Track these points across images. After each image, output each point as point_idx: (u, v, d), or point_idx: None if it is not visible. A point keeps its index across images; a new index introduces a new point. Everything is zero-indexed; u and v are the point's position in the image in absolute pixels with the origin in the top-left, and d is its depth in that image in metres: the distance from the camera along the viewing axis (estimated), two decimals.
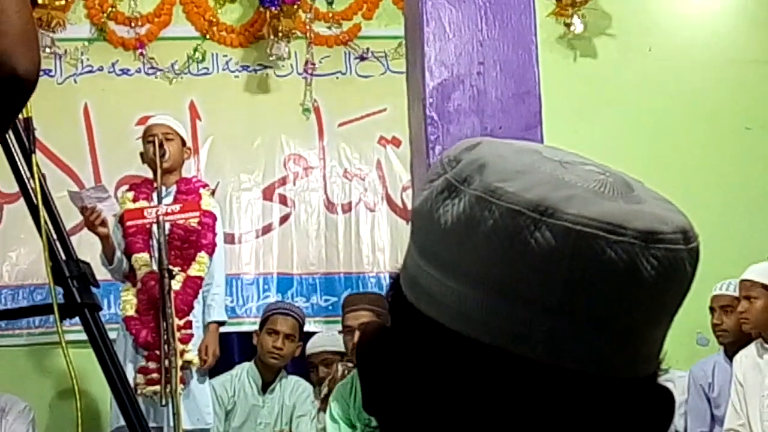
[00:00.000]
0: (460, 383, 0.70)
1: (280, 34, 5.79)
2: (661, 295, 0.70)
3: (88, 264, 1.72)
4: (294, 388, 5.15)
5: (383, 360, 0.75)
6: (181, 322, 4.66)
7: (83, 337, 1.79)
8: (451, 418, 0.71)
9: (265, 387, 5.13)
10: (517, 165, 0.71)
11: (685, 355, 4.96)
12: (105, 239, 4.65)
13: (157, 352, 4.54)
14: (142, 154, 4.93)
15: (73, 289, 1.70)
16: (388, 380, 0.74)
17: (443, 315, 0.71)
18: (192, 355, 4.71)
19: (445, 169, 0.74)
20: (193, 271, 4.80)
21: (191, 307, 4.78)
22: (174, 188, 4.88)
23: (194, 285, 4.80)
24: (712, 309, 5.01)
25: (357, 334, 4.61)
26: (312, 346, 5.28)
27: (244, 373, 5.15)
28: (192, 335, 4.75)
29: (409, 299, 0.74)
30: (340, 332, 4.96)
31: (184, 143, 5.01)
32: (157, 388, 4.50)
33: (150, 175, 4.88)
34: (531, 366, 0.68)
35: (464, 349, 0.70)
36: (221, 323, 4.99)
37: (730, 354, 4.97)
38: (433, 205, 0.72)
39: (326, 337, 5.35)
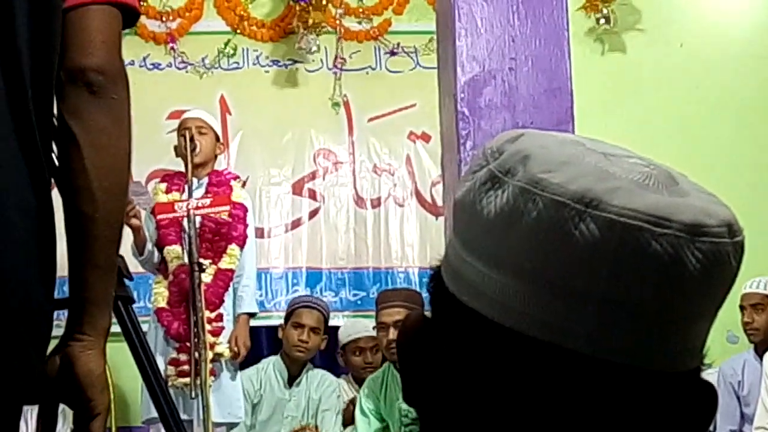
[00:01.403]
0: (501, 375, 0.70)
1: (309, 28, 5.80)
2: (706, 288, 0.70)
3: (121, 257, 1.73)
4: (320, 381, 5.15)
5: (425, 351, 0.75)
6: (212, 315, 4.67)
7: (116, 329, 1.80)
8: (492, 409, 0.71)
9: (291, 380, 5.14)
10: (560, 156, 0.71)
11: (715, 352, 4.91)
12: (137, 231, 4.68)
13: (188, 344, 4.56)
14: (176, 148, 4.95)
15: None
16: (430, 371, 0.74)
17: (485, 306, 0.71)
18: (222, 348, 4.72)
19: (487, 160, 0.74)
20: (224, 263, 4.81)
21: (222, 300, 4.79)
22: (206, 180, 4.89)
23: (225, 278, 4.80)
24: (742, 307, 4.97)
25: (391, 330, 4.62)
26: (344, 335, 5.31)
27: (271, 366, 5.16)
28: (223, 328, 4.76)
29: (451, 290, 0.74)
30: (374, 328, 4.97)
31: (218, 138, 5.02)
32: (188, 380, 4.52)
33: (182, 168, 4.90)
34: (573, 358, 0.68)
35: (506, 340, 0.70)
36: (252, 315, 5.00)
37: (760, 352, 4.94)
38: (475, 196, 0.72)
39: (357, 324, 5.35)
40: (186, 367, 4.55)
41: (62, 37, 1.40)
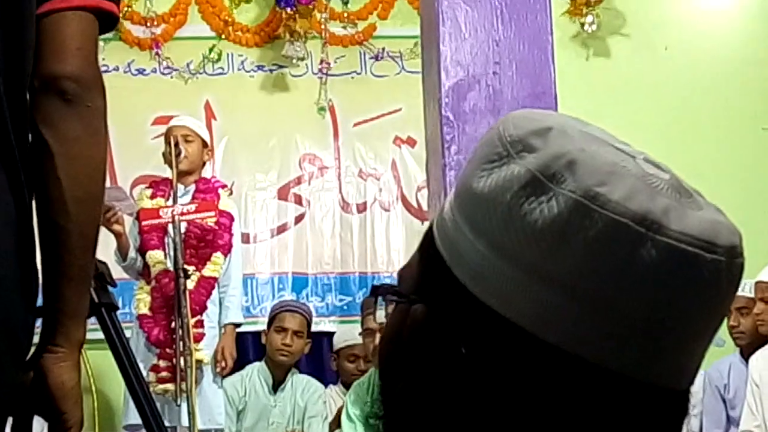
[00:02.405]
0: (539, 390, 0.69)
1: (295, 35, 5.80)
2: (727, 306, 0.71)
3: (105, 263, 1.72)
4: (305, 387, 5.14)
5: (440, 351, 0.72)
6: (192, 321, 4.65)
7: (100, 336, 1.79)
8: (529, 423, 0.69)
9: (276, 386, 5.13)
10: (603, 164, 0.69)
11: None
12: (119, 237, 4.67)
13: (168, 351, 4.55)
14: (164, 155, 4.93)
15: (91, 288, 1.70)
16: (446, 372, 0.72)
17: (523, 318, 0.69)
18: (202, 354, 4.71)
19: (508, 151, 0.71)
20: (208, 271, 4.80)
21: (203, 307, 4.78)
22: (192, 187, 4.88)
23: (208, 285, 4.79)
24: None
25: (378, 336, 4.60)
26: (340, 340, 5.29)
27: (255, 372, 5.14)
28: (203, 335, 4.75)
29: (471, 290, 0.71)
30: (360, 334, 4.96)
31: (205, 145, 5.00)
32: (168, 386, 4.50)
33: (169, 175, 4.88)
34: (618, 380, 0.68)
35: (547, 356, 0.68)
36: (237, 325, 4.99)
37: (746, 355, 4.95)
38: (513, 199, 0.69)
39: (353, 330, 5.33)
40: (166, 374, 4.54)
41: (36, 43, 1.37)
